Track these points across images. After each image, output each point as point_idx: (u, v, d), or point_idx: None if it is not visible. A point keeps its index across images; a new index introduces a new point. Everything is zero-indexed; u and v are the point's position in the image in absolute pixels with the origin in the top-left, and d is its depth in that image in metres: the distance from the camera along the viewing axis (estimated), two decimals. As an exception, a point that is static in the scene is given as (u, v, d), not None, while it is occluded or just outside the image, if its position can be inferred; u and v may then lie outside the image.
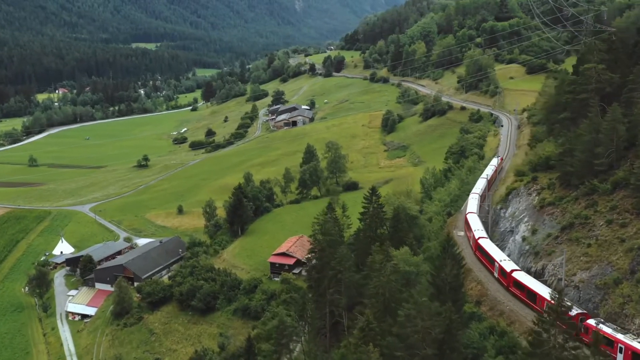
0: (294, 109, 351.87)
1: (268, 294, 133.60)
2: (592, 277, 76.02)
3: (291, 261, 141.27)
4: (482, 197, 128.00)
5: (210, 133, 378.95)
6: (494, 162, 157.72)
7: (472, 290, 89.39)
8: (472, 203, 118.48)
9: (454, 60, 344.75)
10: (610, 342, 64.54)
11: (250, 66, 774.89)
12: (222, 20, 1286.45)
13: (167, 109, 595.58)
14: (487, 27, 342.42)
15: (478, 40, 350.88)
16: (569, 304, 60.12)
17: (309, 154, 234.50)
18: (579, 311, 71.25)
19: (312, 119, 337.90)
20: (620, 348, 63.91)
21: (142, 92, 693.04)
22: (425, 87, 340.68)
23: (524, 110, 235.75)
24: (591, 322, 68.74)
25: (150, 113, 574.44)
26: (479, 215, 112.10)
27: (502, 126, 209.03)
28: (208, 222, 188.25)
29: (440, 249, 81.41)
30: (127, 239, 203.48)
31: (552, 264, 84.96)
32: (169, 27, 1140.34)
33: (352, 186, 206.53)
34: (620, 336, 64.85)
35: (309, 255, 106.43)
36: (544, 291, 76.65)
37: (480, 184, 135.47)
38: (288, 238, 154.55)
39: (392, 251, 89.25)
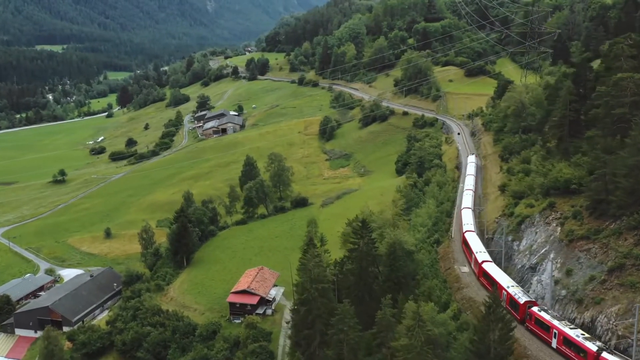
0: (223, 115, 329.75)
1: (230, 342, 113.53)
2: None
3: (254, 300, 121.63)
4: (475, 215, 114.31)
5: (131, 142, 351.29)
6: (471, 170, 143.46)
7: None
8: (468, 217, 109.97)
9: (387, 62, 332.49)
10: (548, 328, 70.85)
11: (165, 68, 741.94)
12: (131, 21, 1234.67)
13: (80, 116, 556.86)
14: (419, 29, 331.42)
15: (410, 41, 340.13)
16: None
17: (249, 167, 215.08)
18: (527, 299, 77.10)
19: (243, 126, 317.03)
20: (555, 333, 69.76)
21: (50, 97, 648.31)
22: (358, 91, 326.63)
23: (471, 115, 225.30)
24: (535, 309, 74.08)
25: (61, 120, 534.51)
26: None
27: (458, 134, 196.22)
28: (145, 250, 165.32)
29: (483, 310, 64.63)
30: (49, 271, 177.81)
31: (604, 316, 70.00)
32: (75, 28, 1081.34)
33: (301, 202, 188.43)
34: (555, 322, 70.16)
35: (296, 307, 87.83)
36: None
37: (467, 200, 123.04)
38: (245, 271, 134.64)
39: (409, 306, 72.17)
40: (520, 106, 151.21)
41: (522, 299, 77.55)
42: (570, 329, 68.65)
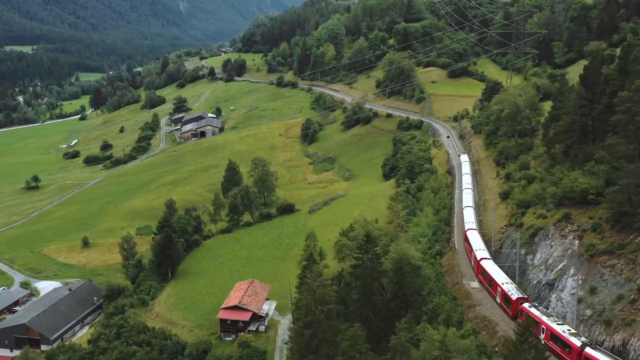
0: (201, 117, 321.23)
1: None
2: None
3: (246, 316, 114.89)
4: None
5: (106, 146, 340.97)
6: (466, 169, 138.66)
7: None
8: (470, 215, 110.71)
9: (368, 63, 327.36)
10: (537, 323, 71.81)
11: (139, 69, 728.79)
12: (103, 21, 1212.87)
13: (52, 118, 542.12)
14: (400, 29, 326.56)
15: (391, 41, 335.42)
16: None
17: (232, 172, 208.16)
18: (520, 295, 78.39)
19: (222, 129, 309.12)
20: (543, 329, 71.30)
21: (21, 99, 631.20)
22: (339, 92, 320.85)
23: (457, 117, 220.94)
24: (526, 305, 75.57)
25: (33, 123, 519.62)
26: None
27: (448, 137, 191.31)
28: (127, 261, 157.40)
29: (515, 337, 58.97)
30: (25, 284, 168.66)
31: (637, 339, 64.94)
32: (45, 28, 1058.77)
33: (288, 209, 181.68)
34: (544, 318, 71.95)
35: (298, 329, 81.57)
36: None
37: (468, 199, 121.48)
38: (235, 284, 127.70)
39: (430, 333, 66.46)
40: (515, 109, 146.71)
41: (514, 295, 78.88)
42: (558, 324, 70.30)
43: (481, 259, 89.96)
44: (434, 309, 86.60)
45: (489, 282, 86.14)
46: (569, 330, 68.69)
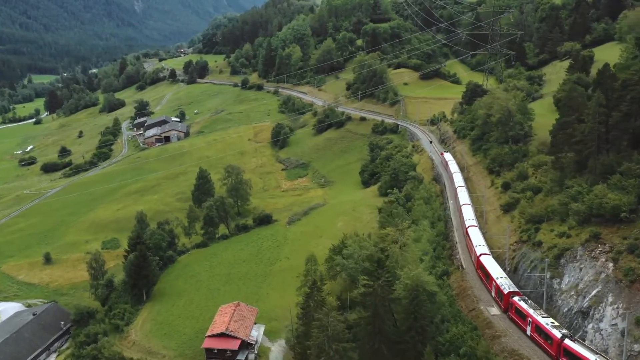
0: (165, 122, 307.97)
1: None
2: None
3: (235, 344, 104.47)
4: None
5: (64, 152, 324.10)
6: (454, 167, 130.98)
7: None
8: (468, 212, 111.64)
9: (337, 64, 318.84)
10: (524, 316, 73.94)
11: (94, 71, 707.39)
12: (55, 21, 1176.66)
13: (4, 123, 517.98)
14: (368, 30, 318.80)
15: (359, 42, 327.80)
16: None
17: (203, 180, 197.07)
18: (511, 289, 79.40)
19: (187, 134, 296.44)
20: (529, 321, 72.91)
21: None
22: (307, 95, 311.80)
23: (434, 120, 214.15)
24: (516, 299, 76.93)
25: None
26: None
27: (430, 142, 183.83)
28: (95, 281, 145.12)
29: None
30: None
31: (701, 382, 57.47)
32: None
33: (265, 219, 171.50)
34: (531, 311, 73.28)
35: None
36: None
37: (464, 196, 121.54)
38: (219, 307, 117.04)
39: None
40: (506, 114, 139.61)
41: (506, 289, 79.99)
42: (542, 317, 71.81)
43: (481, 254, 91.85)
44: (452, 339, 78.02)
45: (486, 277, 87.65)
46: (552, 322, 70.23)
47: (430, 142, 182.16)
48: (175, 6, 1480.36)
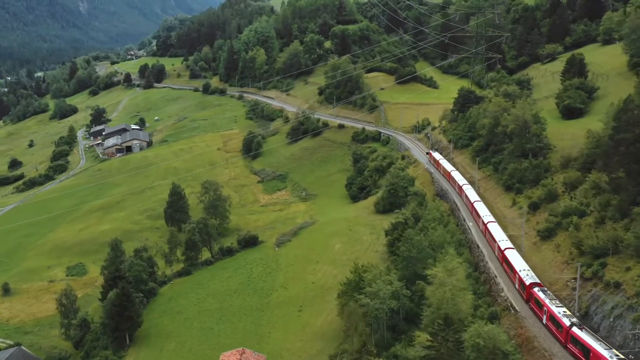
0: (124, 130, 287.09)
1: None
2: None
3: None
4: None
5: (15, 163, 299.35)
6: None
7: None
8: (482, 209, 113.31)
9: (304, 68, 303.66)
10: (541, 306, 75.86)
11: (40, 74, 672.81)
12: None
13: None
14: (337, 32, 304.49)
15: (327, 45, 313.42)
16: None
17: (176, 197, 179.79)
18: (533, 281, 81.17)
19: (150, 143, 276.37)
20: (545, 310, 74.70)
21: None
22: (275, 100, 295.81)
23: (417, 128, 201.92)
24: (535, 289, 78.49)
25: None
26: None
27: (427, 153, 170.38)
28: (67, 320, 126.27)
29: None
30: None
31: None
32: None
33: (251, 241, 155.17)
34: (547, 301, 74.75)
35: None
36: None
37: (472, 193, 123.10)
38: (220, 356, 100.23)
39: None
40: (522, 124, 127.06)
41: (528, 280, 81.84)
42: (557, 306, 73.46)
43: (505, 248, 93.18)
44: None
45: (510, 269, 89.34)
46: (564, 312, 72.09)
47: (427, 154, 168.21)
48: (121, 7, 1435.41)
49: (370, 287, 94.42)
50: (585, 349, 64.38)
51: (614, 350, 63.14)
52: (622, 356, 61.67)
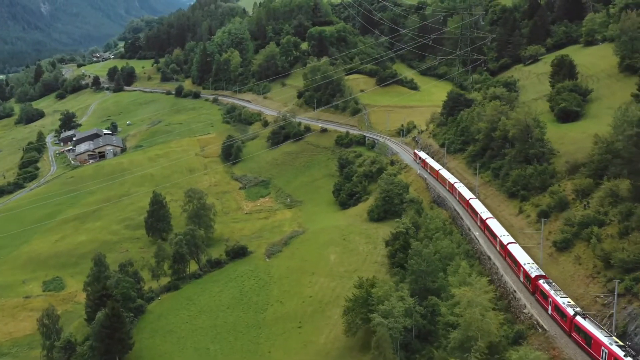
0: (97, 135, 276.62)
1: None
2: None
3: None
4: None
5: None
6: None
7: None
8: (479, 206, 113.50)
9: (281, 70, 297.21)
10: (546, 297, 78.77)
11: (1, 77, 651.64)
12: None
13: None
14: (315, 33, 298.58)
15: (304, 46, 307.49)
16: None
17: (157, 205, 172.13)
18: (538, 273, 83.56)
19: (124, 149, 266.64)
20: (550, 301, 77.46)
21: None
22: (252, 103, 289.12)
23: (402, 131, 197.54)
24: (541, 281, 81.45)
25: None
26: None
27: (415, 152, 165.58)
28: (49, 341, 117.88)
29: None
30: None
31: None
32: None
33: (240, 252, 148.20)
34: (552, 292, 77.48)
35: None
36: None
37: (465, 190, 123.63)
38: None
39: None
40: (524, 128, 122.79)
41: (534, 273, 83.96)
42: (561, 297, 76.14)
43: (508, 243, 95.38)
44: None
45: (514, 263, 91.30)
46: (568, 302, 74.83)
47: (420, 160, 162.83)
48: (84, 9, 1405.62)
49: (383, 304, 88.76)
50: (587, 337, 67.84)
51: (614, 337, 66.36)
52: (621, 343, 64.71)
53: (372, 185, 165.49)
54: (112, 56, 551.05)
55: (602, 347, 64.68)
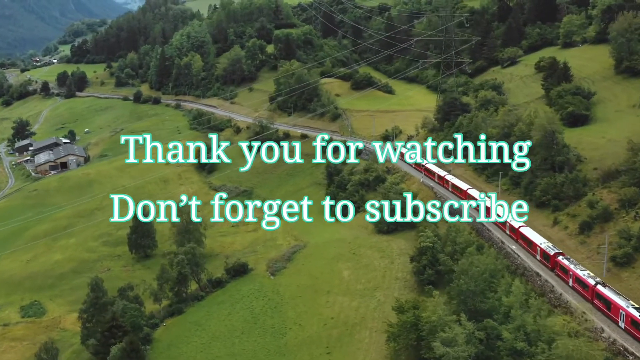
0: (56, 144, 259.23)
1: None
2: None
3: None
4: None
5: None
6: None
7: None
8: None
9: (247, 75, 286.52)
10: (566, 271, 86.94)
11: None
12: None
13: None
14: (281, 36, 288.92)
15: (269, 49, 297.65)
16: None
17: (140, 221, 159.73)
18: (556, 250, 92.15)
19: (87, 158, 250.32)
20: (571, 275, 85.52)
21: None
22: (219, 109, 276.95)
23: (389, 137, 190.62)
24: (560, 258, 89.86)
25: None
26: None
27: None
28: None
29: None
30: None
31: None
32: None
33: (241, 270, 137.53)
34: (572, 267, 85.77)
35: None
36: None
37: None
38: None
39: None
40: (549, 134, 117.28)
41: (552, 251, 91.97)
42: (581, 270, 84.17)
43: (519, 226, 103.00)
44: None
45: (528, 244, 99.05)
46: (588, 274, 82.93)
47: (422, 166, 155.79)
48: (17, 11, 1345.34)
49: (444, 331, 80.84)
50: (607, 302, 76.55)
51: (631, 301, 74.54)
52: (637, 305, 73.29)
53: (370, 194, 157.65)
54: (55, 60, 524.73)
55: (620, 310, 73.70)
